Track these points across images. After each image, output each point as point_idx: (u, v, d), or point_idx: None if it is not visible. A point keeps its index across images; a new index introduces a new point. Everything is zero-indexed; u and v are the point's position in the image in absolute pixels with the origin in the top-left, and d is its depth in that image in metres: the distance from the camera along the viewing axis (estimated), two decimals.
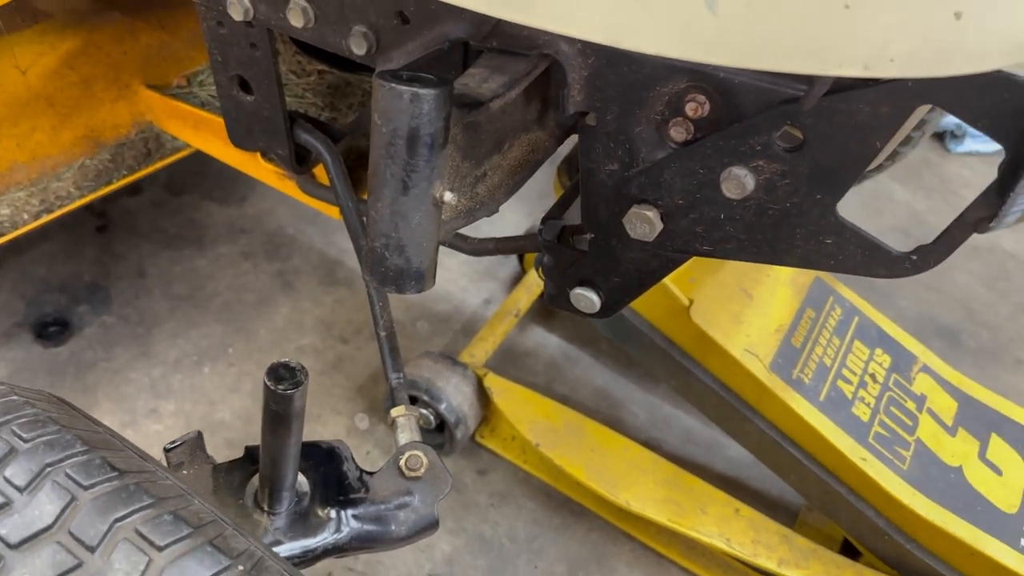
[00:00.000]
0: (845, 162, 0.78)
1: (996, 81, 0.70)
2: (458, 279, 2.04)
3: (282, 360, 0.80)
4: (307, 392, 0.81)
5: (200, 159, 1.48)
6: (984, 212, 0.77)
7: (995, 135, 0.73)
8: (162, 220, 2.03)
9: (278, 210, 2.11)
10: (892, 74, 0.64)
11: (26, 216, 1.35)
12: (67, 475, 0.70)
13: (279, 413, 0.81)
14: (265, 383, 0.79)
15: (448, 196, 0.76)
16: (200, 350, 1.77)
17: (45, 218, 1.38)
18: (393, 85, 0.71)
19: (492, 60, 0.88)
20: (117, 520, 0.67)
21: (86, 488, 0.69)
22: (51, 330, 1.73)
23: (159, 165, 1.49)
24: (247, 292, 1.91)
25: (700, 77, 0.80)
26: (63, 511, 0.67)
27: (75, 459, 0.71)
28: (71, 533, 0.67)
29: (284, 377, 0.79)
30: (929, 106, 0.76)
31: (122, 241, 1.96)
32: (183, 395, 1.69)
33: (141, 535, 0.68)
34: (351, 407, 1.73)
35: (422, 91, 0.70)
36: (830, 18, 0.60)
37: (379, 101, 0.72)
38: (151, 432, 1.61)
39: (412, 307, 1.95)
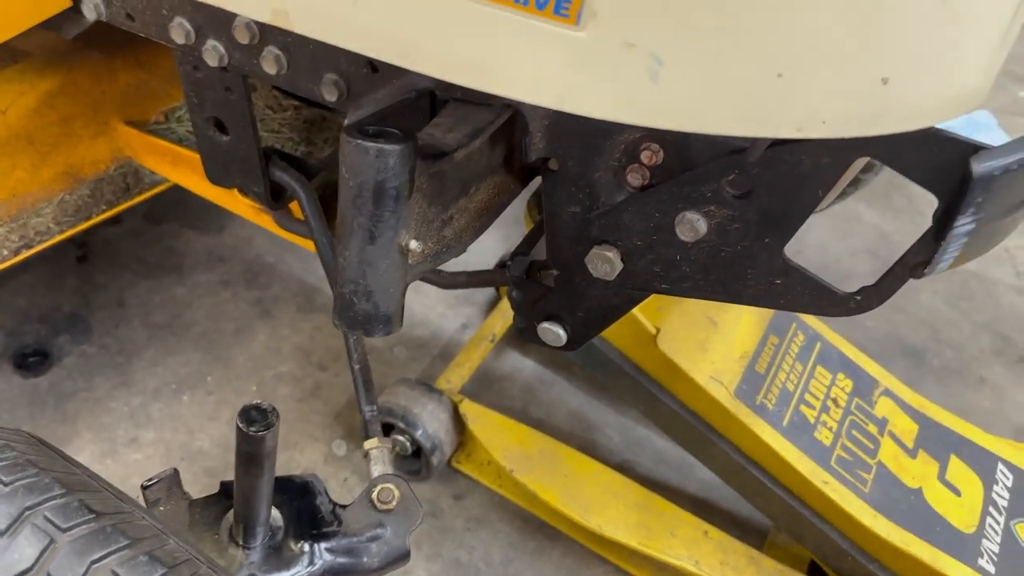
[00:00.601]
0: (790, 208, 0.83)
1: (927, 136, 0.74)
2: (435, 305, 2.08)
3: (253, 403, 0.83)
4: (279, 432, 0.84)
5: (179, 189, 1.51)
6: (921, 257, 0.82)
7: (928, 186, 0.78)
8: (142, 249, 2.05)
9: (257, 238, 2.13)
10: (824, 135, 0.68)
11: (5, 252, 1.37)
12: (46, 518, 0.72)
13: (251, 454, 0.84)
14: (237, 426, 0.82)
15: (414, 244, 0.80)
16: (179, 379, 1.79)
17: (25, 253, 1.40)
18: (359, 141, 0.74)
19: (457, 110, 0.92)
20: (94, 562, 0.70)
21: (64, 531, 0.71)
22: (31, 360, 1.75)
23: (138, 199, 1.52)
24: (226, 320, 1.93)
25: (654, 129, 0.84)
26: (42, 554, 0.70)
27: (54, 502, 0.74)
28: (50, 575, 0.69)
29: (256, 419, 0.82)
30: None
31: (102, 271, 1.98)
32: (162, 424, 1.71)
33: None
34: (329, 434, 1.76)
35: (387, 147, 0.74)
36: (764, 86, 0.65)
37: (346, 156, 0.75)
38: (131, 461, 1.63)
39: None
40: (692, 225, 0.87)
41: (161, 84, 1.48)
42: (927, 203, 2.60)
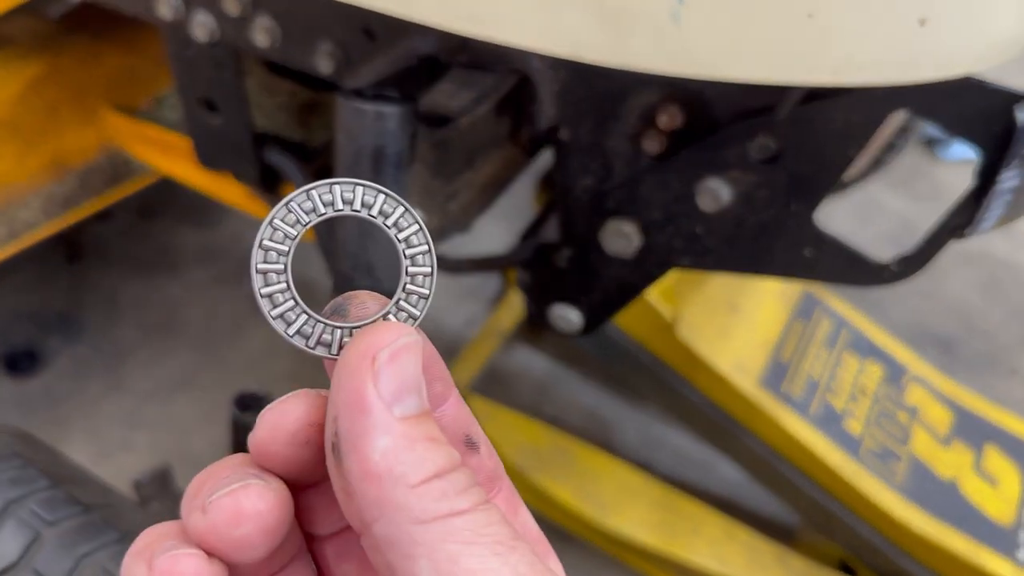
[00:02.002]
0: (821, 171, 0.77)
1: (967, 86, 0.70)
2: (439, 299, 2.01)
3: (249, 389, 0.77)
4: None
5: (172, 183, 1.45)
6: (962, 218, 0.76)
7: (969, 139, 0.72)
8: (134, 246, 1.99)
9: (252, 232, 2.05)
10: (861, 81, 0.62)
11: None
12: (31, 511, 0.68)
13: (246, 443, 0.78)
14: (231, 412, 0.76)
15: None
16: (174, 379, 1.73)
17: (12, 246, 1.34)
18: (356, 103, 0.68)
19: (461, 76, 0.86)
20: (83, 556, 0.66)
21: (51, 524, 0.67)
22: (21, 362, 1.69)
23: (129, 190, 1.46)
24: (222, 318, 1.87)
25: (673, 89, 0.78)
26: (28, 548, 0.66)
27: (39, 494, 0.70)
28: (36, 571, 0.65)
29: (250, 405, 0.76)
30: (906, 113, 0.75)
31: (94, 269, 1.92)
32: (157, 426, 1.65)
33: (108, 572, 0.66)
34: None
35: (386, 109, 0.68)
36: (795, 27, 0.59)
37: (342, 120, 0.70)
38: (125, 464, 1.57)
39: None
40: (715, 193, 0.81)
41: (150, 68, 1.42)
42: (950, 189, 2.55)
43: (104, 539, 0.65)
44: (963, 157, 2.64)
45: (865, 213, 2.42)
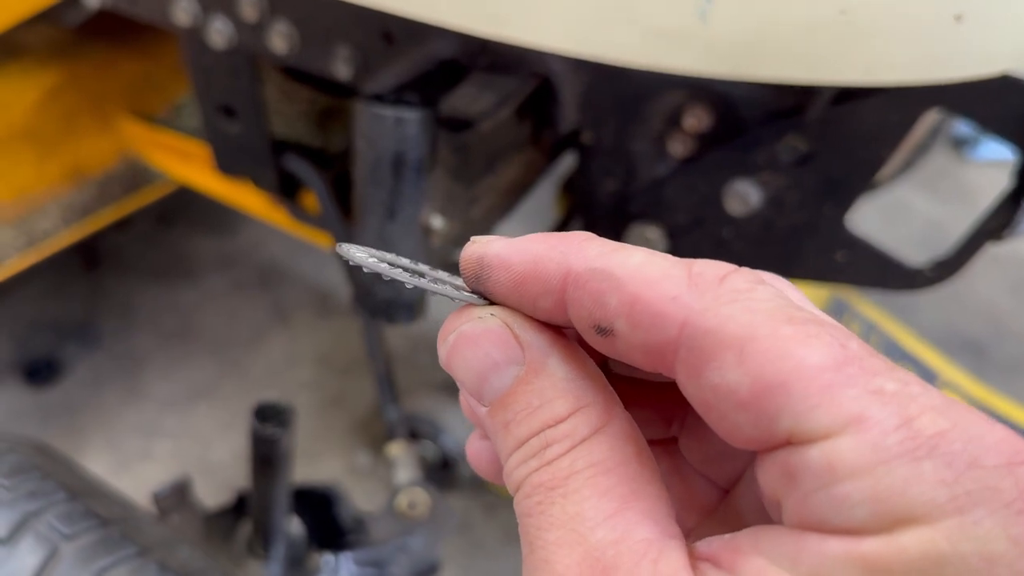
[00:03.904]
0: (853, 173, 0.75)
1: (1004, 83, 0.67)
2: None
3: (268, 399, 0.76)
4: (295, 432, 0.77)
5: (190, 191, 1.45)
6: (999, 220, 0.74)
7: (1007, 139, 0.70)
8: (152, 254, 1.99)
9: (270, 240, 2.07)
10: (894, 80, 0.61)
11: (12, 253, 1.31)
12: (49, 524, 0.67)
13: (267, 454, 0.77)
14: (251, 424, 0.75)
15: (437, 221, 0.72)
16: (193, 387, 1.73)
17: (32, 255, 1.34)
18: (376, 109, 0.67)
19: (482, 79, 0.85)
20: (101, 571, 0.65)
21: (68, 538, 0.66)
22: (40, 371, 1.69)
23: (147, 198, 1.46)
24: (240, 326, 1.87)
25: (699, 89, 0.76)
26: (46, 562, 0.65)
27: (58, 508, 0.69)
28: None
29: (271, 417, 0.75)
30: (941, 113, 0.73)
31: (112, 277, 1.92)
32: (177, 435, 1.64)
33: None
34: (352, 443, 1.68)
35: (406, 114, 0.67)
36: (827, 24, 0.57)
37: (362, 126, 0.68)
38: (145, 474, 1.56)
39: (412, 337, 1.91)
40: (743, 196, 0.79)
41: (167, 75, 1.42)
42: (978, 190, 2.52)
43: (122, 553, 0.64)
44: (992, 158, 2.61)
45: (892, 215, 2.39)
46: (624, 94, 0.79)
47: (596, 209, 0.88)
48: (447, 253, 0.82)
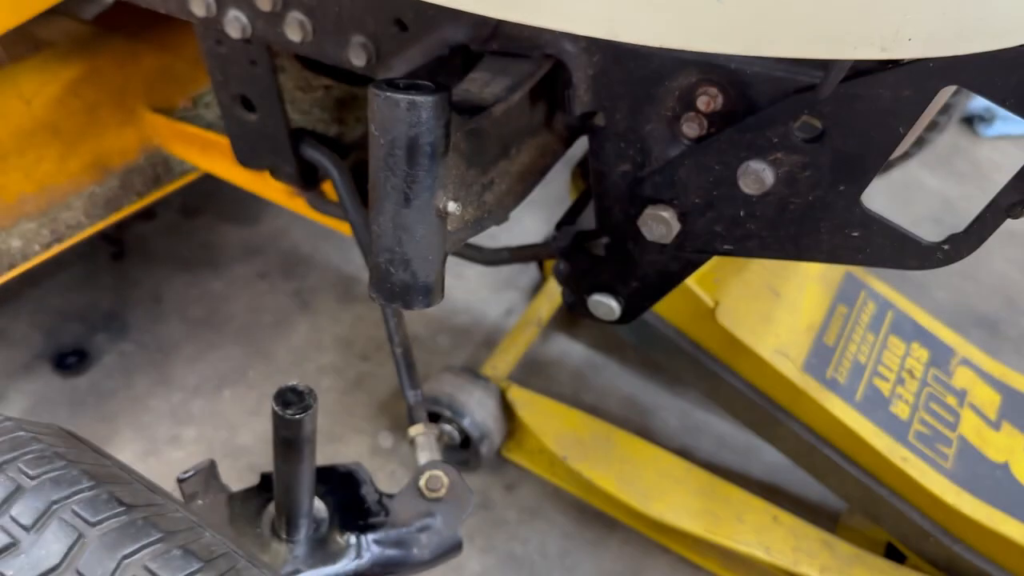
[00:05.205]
0: (868, 150, 0.74)
1: (1022, 57, 0.66)
2: (478, 290, 2.01)
3: (289, 384, 0.77)
4: (317, 415, 0.78)
5: (213, 181, 1.47)
6: (1017, 196, 0.73)
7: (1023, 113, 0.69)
8: (177, 244, 2.02)
9: (293, 228, 2.09)
10: (911, 54, 0.60)
11: (37, 247, 1.34)
12: (74, 512, 0.68)
13: (289, 439, 0.79)
14: (273, 409, 0.76)
15: (452, 206, 0.73)
16: (219, 374, 1.76)
17: (56, 248, 1.37)
18: (389, 94, 0.67)
19: (494, 64, 0.85)
20: (125, 557, 0.66)
21: (93, 525, 0.67)
22: (69, 361, 1.72)
23: (169, 189, 1.48)
24: (264, 313, 1.89)
25: (711, 69, 0.76)
26: (70, 549, 0.66)
27: (82, 495, 0.70)
28: (79, 572, 0.65)
29: (292, 401, 0.76)
30: (954, 88, 0.72)
31: (137, 267, 1.95)
32: (204, 421, 1.67)
33: (150, 571, 0.66)
34: (374, 426, 1.70)
35: (419, 98, 0.67)
36: None
37: (375, 111, 0.69)
38: (173, 460, 1.60)
39: (432, 321, 1.92)
40: (757, 176, 0.79)
41: (187, 68, 1.44)
42: (992, 167, 2.48)
43: (146, 539, 0.65)
44: (1007, 133, 2.57)
45: (904, 194, 2.36)
46: (637, 75, 0.79)
47: (610, 192, 0.89)
48: (462, 238, 0.82)
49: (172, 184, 1.48)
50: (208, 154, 1.40)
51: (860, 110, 0.72)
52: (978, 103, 2.56)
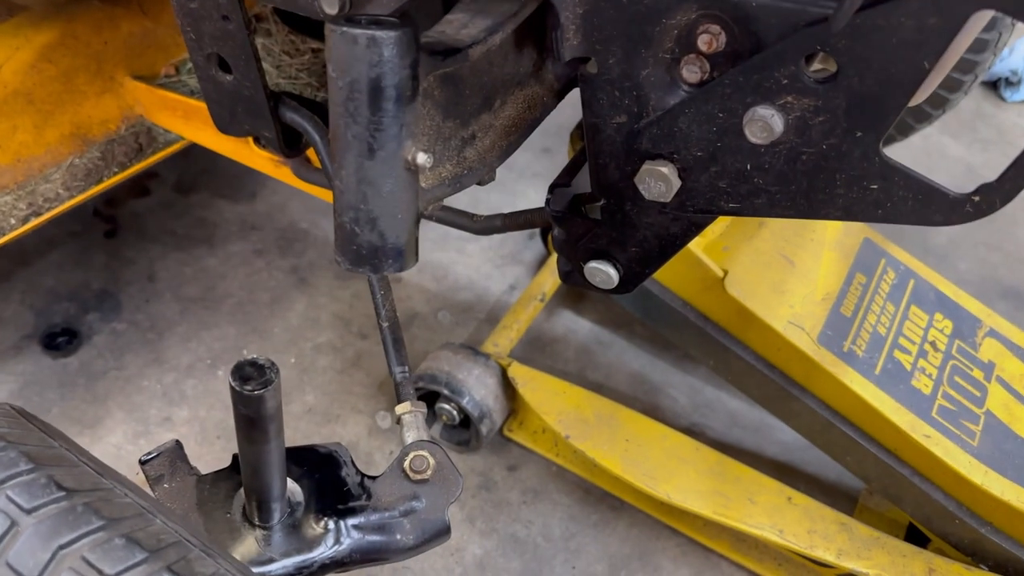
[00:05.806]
0: (888, 90, 0.66)
1: None
2: (480, 265, 1.94)
3: (249, 357, 0.71)
4: (280, 390, 0.72)
5: (208, 157, 1.40)
6: None
7: None
8: (171, 221, 1.96)
9: (290, 204, 2.03)
10: None
11: (13, 221, 1.29)
12: (8, 497, 0.63)
13: (251, 417, 0.72)
14: (231, 385, 0.70)
15: (422, 158, 0.66)
16: (214, 353, 1.70)
17: (34, 222, 1.32)
18: (346, 29, 0.61)
19: (473, 3, 0.78)
20: (62, 547, 0.60)
21: (28, 512, 0.62)
22: (60, 340, 1.68)
23: (153, 159, 1.42)
24: (261, 291, 1.83)
25: (712, 2, 0.68)
26: (2, 539, 0.60)
27: (18, 479, 0.64)
28: (9, 564, 0.60)
29: (252, 376, 0.70)
30: (988, 16, 0.64)
31: (131, 245, 1.89)
32: (197, 401, 1.62)
33: (88, 563, 0.60)
34: (372, 405, 1.65)
35: (380, 33, 0.61)
36: None
37: (332, 49, 0.62)
38: (165, 440, 1.54)
39: (433, 297, 1.86)
40: (765, 123, 0.71)
41: (168, 33, 1.37)
42: (1018, 132, 2.37)
43: (86, 527, 0.59)
44: None
45: (926, 161, 2.26)
46: (631, 12, 0.71)
47: (605, 147, 0.81)
48: (439, 196, 0.75)
49: (156, 155, 1.42)
50: (192, 122, 1.34)
51: (879, 44, 0.64)
52: (1004, 65, 2.45)
